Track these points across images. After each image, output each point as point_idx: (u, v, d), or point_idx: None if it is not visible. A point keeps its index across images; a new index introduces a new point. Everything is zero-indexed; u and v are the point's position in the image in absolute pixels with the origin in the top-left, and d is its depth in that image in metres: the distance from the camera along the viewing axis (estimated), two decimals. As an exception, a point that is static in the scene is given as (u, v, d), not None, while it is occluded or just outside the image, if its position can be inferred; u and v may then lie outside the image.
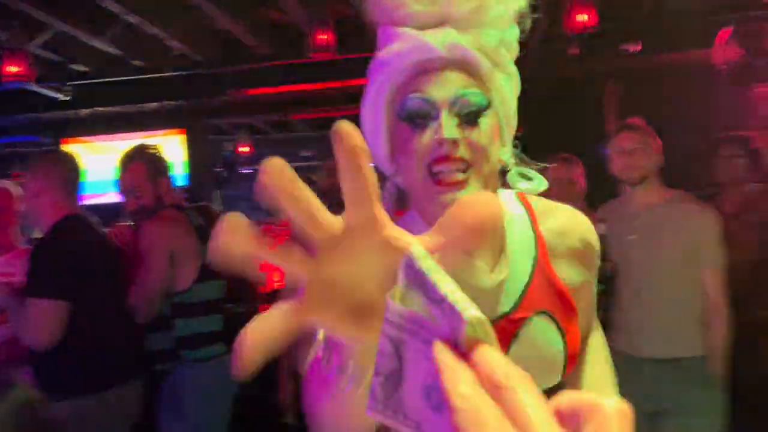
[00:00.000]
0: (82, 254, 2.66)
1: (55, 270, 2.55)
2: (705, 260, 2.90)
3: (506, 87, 1.14)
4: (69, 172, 2.78)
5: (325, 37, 5.34)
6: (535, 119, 3.50)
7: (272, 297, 4.01)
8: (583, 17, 4.90)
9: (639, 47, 5.60)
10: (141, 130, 7.91)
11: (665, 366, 2.89)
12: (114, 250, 2.88)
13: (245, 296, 3.71)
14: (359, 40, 6.22)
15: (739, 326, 2.94)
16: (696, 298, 2.91)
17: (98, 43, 6.05)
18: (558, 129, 5.41)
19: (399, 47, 1.08)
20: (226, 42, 6.55)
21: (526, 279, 1.16)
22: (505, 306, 1.14)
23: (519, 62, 1.17)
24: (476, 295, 0.73)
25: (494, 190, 1.17)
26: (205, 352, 2.96)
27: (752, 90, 5.07)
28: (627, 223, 3.02)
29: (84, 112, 7.38)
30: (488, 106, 1.10)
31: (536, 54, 5.19)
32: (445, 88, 1.07)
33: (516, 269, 1.16)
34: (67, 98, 6.92)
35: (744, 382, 3.16)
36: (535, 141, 1.55)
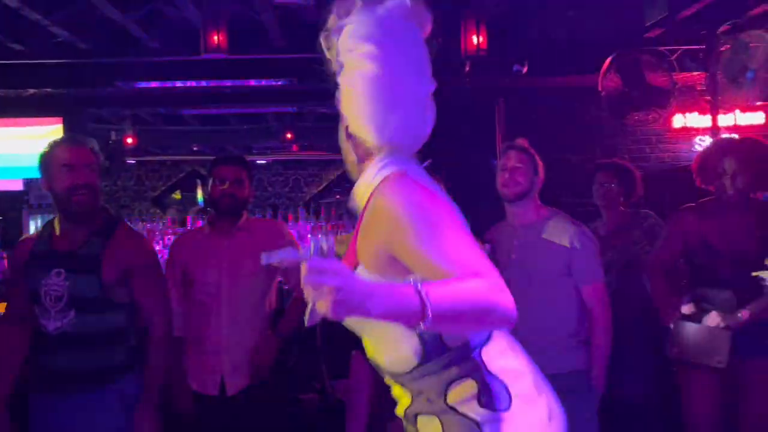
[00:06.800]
0: None
1: None
2: (582, 277, 2.98)
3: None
4: None
5: (217, 38, 5.24)
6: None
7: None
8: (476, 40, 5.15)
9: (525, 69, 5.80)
10: (17, 116, 7.51)
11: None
12: None
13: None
14: (251, 41, 6.11)
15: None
16: (571, 314, 2.99)
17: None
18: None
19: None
20: (114, 33, 6.27)
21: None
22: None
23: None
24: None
25: None
26: None
27: (628, 118, 5.35)
28: (507, 243, 3.10)
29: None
30: None
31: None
32: None
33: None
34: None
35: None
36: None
